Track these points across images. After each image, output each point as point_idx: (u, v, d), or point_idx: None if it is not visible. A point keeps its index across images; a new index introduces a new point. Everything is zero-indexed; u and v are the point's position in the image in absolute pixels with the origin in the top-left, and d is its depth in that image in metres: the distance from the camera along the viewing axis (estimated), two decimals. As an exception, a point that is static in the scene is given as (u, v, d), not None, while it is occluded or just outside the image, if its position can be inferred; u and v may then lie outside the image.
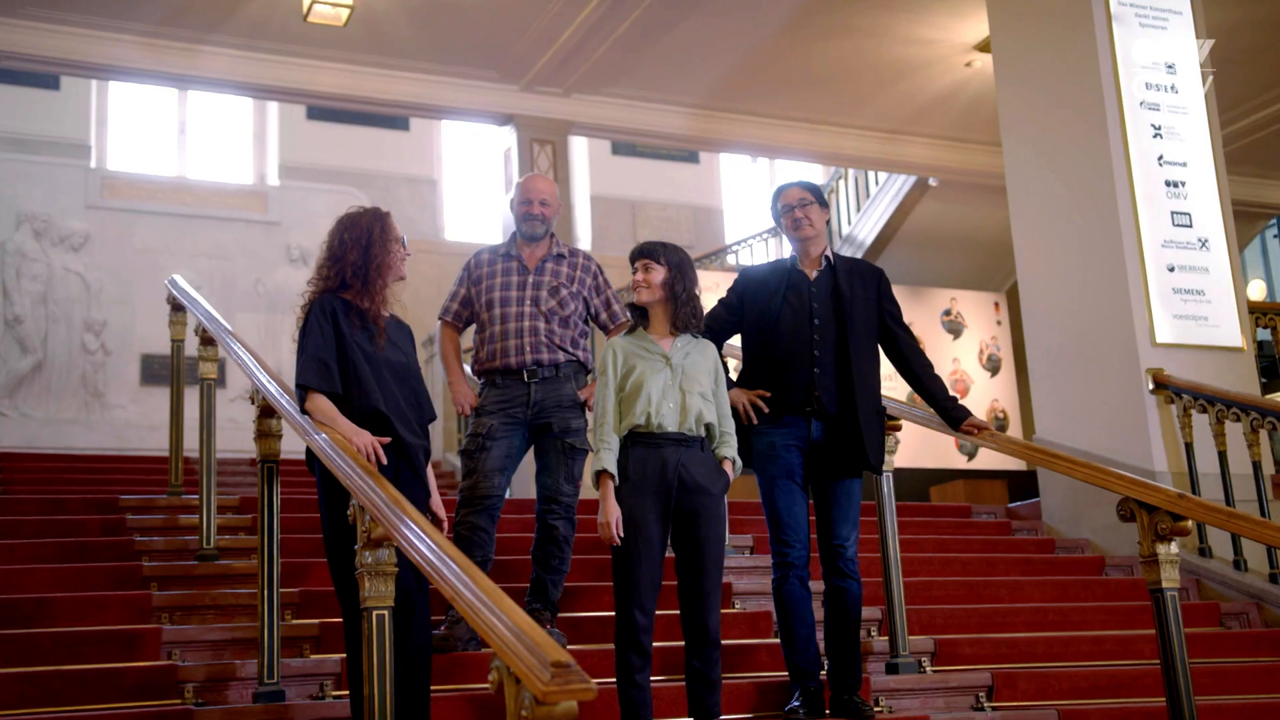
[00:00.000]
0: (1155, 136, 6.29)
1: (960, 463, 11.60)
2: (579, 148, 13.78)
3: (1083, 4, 6.41)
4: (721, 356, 4.15)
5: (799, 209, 4.16)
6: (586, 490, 7.52)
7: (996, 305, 12.24)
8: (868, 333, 4.10)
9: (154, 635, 3.96)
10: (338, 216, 3.61)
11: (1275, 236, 14.55)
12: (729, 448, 3.80)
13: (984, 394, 12.01)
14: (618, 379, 3.73)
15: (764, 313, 4.10)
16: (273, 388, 3.66)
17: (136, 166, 13.03)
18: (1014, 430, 12.03)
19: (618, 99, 10.01)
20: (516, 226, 4.62)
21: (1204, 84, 6.34)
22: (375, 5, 8.39)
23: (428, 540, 2.39)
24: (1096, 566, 5.93)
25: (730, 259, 13.37)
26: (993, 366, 12.11)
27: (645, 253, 3.82)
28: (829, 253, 4.20)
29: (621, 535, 3.58)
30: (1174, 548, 3.53)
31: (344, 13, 7.64)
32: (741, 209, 15.13)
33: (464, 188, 14.11)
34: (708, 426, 3.76)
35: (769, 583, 5.15)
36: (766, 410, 4.02)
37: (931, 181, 11.80)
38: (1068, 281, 6.50)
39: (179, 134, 13.31)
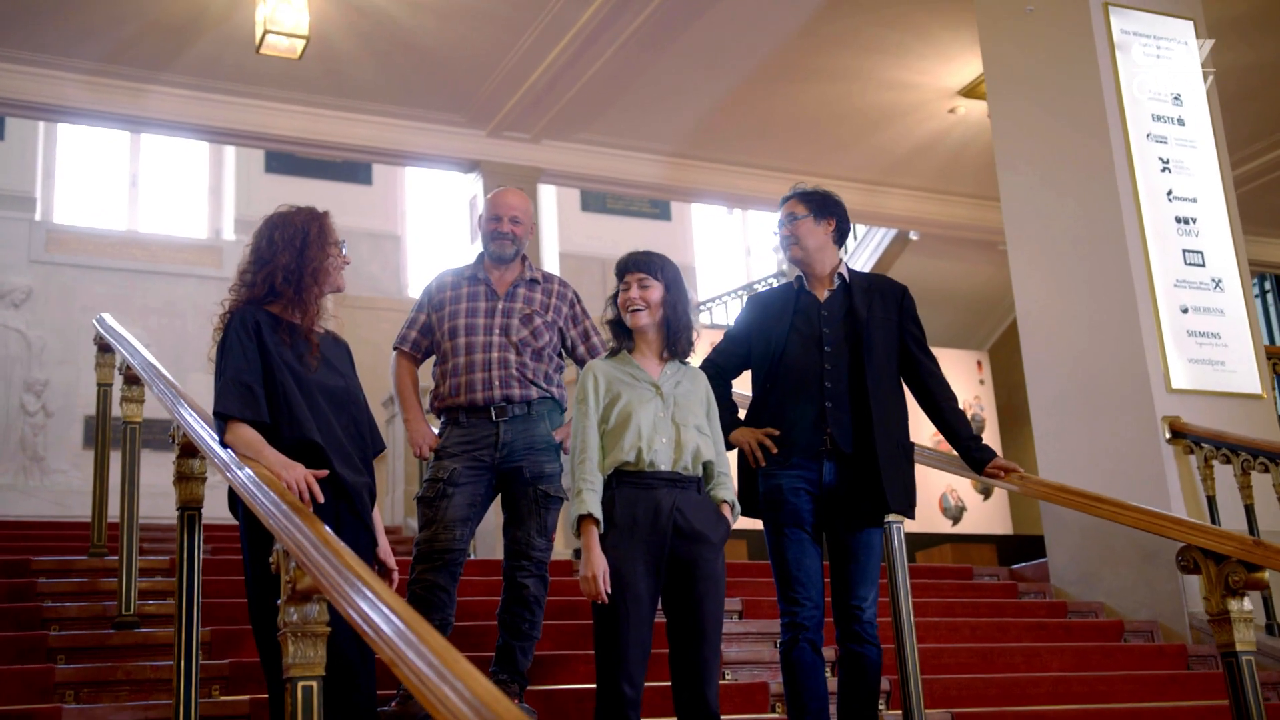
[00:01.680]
0: (1164, 170, 5.91)
1: (945, 526, 11.11)
2: (548, 204, 13.40)
3: (1083, 33, 6.05)
4: (732, 398, 3.67)
5: (786, 226, 3.70)
6: (558, 548, 6.86)
7: (979, 364, 11.83)
8: (888, 359, 3.61)
9: (52, 715, 3.37)
10: (265, 216, 3.11)
11: (1257, 296, 14.30)
12: (726, 490, 3.30)
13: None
14: (600, 409, 3.22)
15: (769, 342, 3.62)
16: (192, 419, 3.12)
17: (84, 220, 12.51)
18: (999, 495, 11.57)
19: (588, 145, 9.60)
20: (484, 247, 4.12)
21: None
22: (334, 43, 7.96)
23: (363, 589, 1.87)
24: (1115, 631, 5.43)
25: (704, 317, 12.93)
26: (976, 427, 11.66)
27: (640, 265, 3.32)
28: (843, 269, 3.72)
29: (609, 591, 3.05)
30: (1248, 603, 3.04)
31: (299, 45, 7.17)
32: (714, 265, 14.75)
33: (428, 243, 13.64)
34: (705, 465, 3.26)
35: (763, 650, 4.66)
36: (775, 450, 3.51)
37: (912, 235, 11.45)
38: (1073, 325, 6.07)
39: (130, 186, 12.80)
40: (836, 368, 3.55)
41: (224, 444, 2.81)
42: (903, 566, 3.95)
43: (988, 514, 11.36)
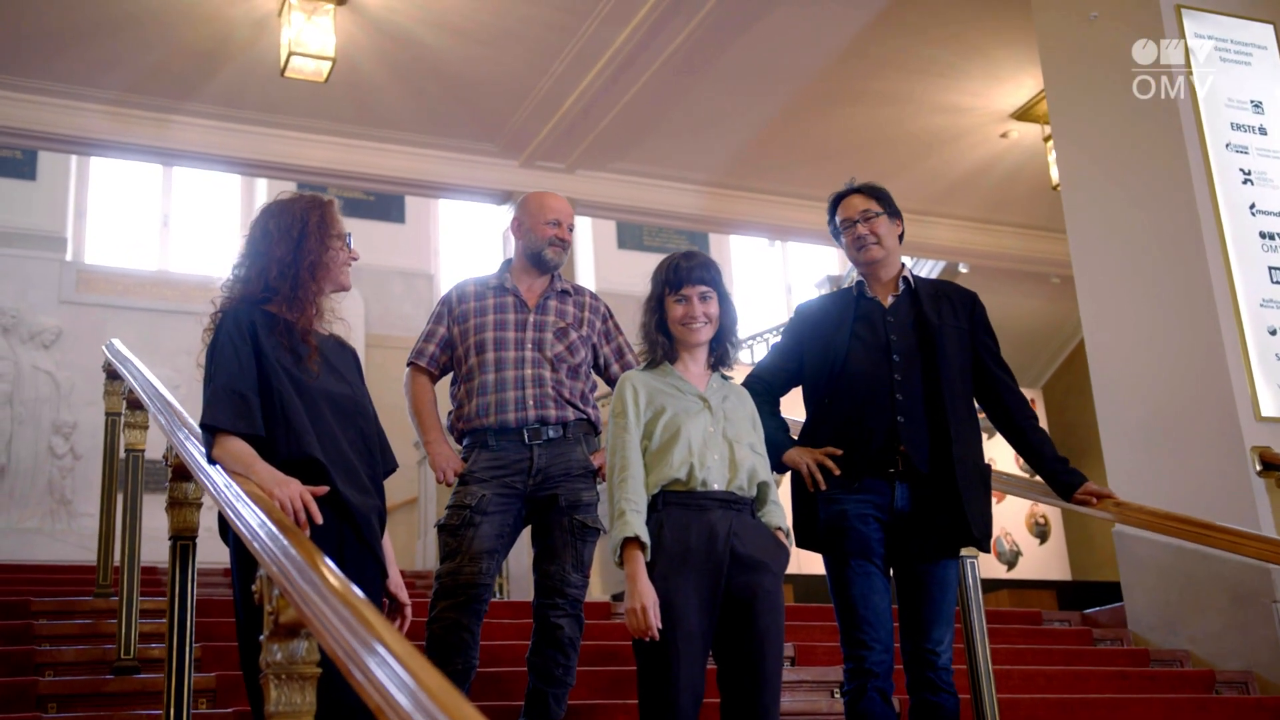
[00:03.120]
0: (1245, 182, 5.50)
1: (1000, 572, 10.61)
2: (583, 241, 13.14)
3: (1154, 38, 5.67)
4: (783, 417, 3.30)
5: (862, 223, 3.33)
6: (594, 591, 6.40)
7: (1033, 402, 11.36)
8: (962, 372, 3.23)
9: (32, 771, 3.03)
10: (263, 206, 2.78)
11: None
12: (779, 516, 2.93)
13: (1022, 499, 11.07)
14: (641, 424, 2.85)
15: (828, 351, 3.24)
16: (185, 438, 2.78)
17: (115, 260, 12.35)
18: (1056, 539, 11.08)
19: (624, 175, 9.29)
20: (532, 253, 3.71)
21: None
22: (362, 71, 7.71)
23: (349, 617, 1.50)
24: (1205, 682, 4.95)
25: (744, 355, 12.56)
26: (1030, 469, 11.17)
27: (703, 278, 2.99)
28: (907, 273, 3.36)
29: (660, 627, 2.66)
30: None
31: (325, 67, 6.92)
32: (751, 303, 14.39)
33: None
34: (760, 486, 2.88)
35: (819, 700, 4.25)
36: (838, 472, 3.12)
37: (962, 268, 11.03)
38: (1149, 351, 5.64)
39: (162, 226, 12.64)
40: (908, 378, 3.16)
41: (212, 460, 2.46)
42: (978, 606, 3.57)
43: (1045, 558, 10.86)
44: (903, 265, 3.40)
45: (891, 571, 3.20)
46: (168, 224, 12.66)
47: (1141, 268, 5.70)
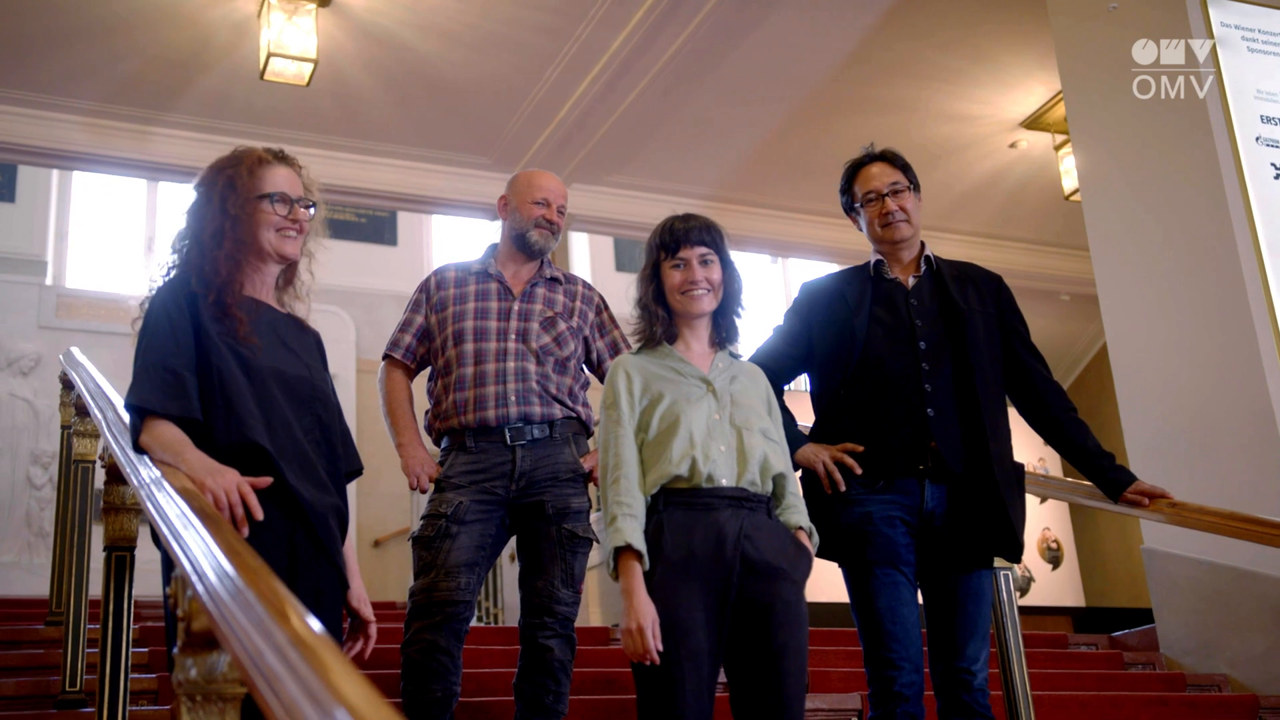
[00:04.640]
0: (1277, 178, 5.20)
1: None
2: (580, 262, 12.83)
3: (1178, 29, 5.38)
4: (789, 409, 2.95)
5: (891, 197, 3.00)
6: (594, 619, 6.04)
7: (1043, 422, 11.02)
8: (993, 361, 2.91)
9: (-50, 817, 2.67)
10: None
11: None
12: (800, 514, 2.56)
13: (1033, 521, 10.71)
14: (636, 414, 2.51)
15: (843, 336, 2.90)
16: (119, 433, 2.44)
17: (97, 284, 12.00)
18: (1070, 563, 10.72)
19: (621, 189, 8.99)
20: (517, 234, 3.38)
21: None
22: (349, 79, 7.42)
23: (274, 626, 1.16)
24: (1249, 709, 4.60)
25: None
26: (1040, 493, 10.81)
27: (703, 239, 2.64)
28: (929, 252, 3.04)
29: (661, 649, 2.30)
30: None
31: (306, 70, 6.62)
32: (752, 322, 14.06)
33: (454, 304, 13.06)
34: (776, 480, 2.53)
35: (837, 732, 3.91)
36: (859, 471, 2.78)
37: (968, 285, 10.72)
38: (1178, 358, 5.31)
39: (146, 250, 12.31)
40: (936, 368, 2.83)
41: (138, 447, 2.12)
42: (1014, 623, 3.25)
43: (1058, 585, 10.50)
44: (922, 244, 3.08)
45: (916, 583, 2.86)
46: (152, 247, 12.33)
47: (1168, 272, 5.39)
